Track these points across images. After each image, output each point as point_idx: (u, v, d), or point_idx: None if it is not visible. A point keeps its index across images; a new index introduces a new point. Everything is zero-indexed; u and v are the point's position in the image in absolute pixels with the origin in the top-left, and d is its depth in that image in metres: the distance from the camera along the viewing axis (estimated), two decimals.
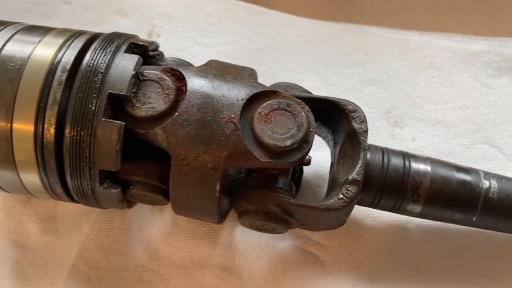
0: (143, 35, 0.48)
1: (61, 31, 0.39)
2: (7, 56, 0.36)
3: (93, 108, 0.35)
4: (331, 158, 0.42)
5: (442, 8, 0.60)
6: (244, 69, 0.40)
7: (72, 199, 0.39)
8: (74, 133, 0.35)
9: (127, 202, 0.40)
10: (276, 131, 0.36)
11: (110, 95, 0.35)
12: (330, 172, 0.41)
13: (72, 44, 0.37)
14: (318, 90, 0.50)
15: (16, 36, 0.38)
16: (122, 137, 0.35)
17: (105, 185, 0.37)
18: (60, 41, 0.38)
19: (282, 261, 0.43)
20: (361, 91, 0.52)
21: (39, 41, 0.37)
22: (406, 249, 0.44)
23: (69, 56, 0.36)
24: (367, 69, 0.54)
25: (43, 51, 0.37)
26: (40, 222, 0.45)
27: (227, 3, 0.56)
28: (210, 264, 0.43)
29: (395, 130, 0.50)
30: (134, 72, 0.36)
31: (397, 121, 0.51)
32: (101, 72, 0.36)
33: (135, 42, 0.39)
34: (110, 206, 0.40)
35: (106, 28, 0.43)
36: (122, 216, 0.45)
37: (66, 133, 0.35)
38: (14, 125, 0.35)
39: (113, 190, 0.37)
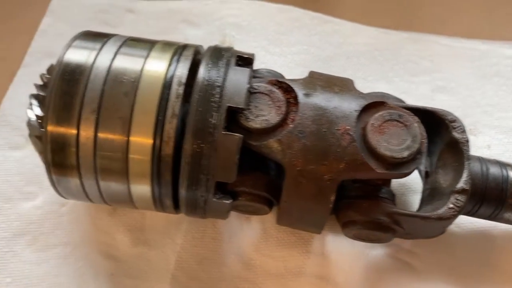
0: None
1: (165, 44, 0.39)
2: (120, 69, 0.36)
3: (214, 121, 0.35)
4: (426, 168, 0.43)
5: (499, 16, 0.61)
6: (346, 79, 0.40)
7: (175, 210, 0.39)
8: (195, 146, 0.35)
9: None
10: (391, 142, 0.36)
11: (229, 109, 0.35)
12: (426, 181, 0.42)
13: (182, 58, 0.38)
14: None
15: (122, 50, 0.38)
16: (240, 149, 0.35)
17: (217, 197, 0.37)
18: (168, 55, 0.38)
19: (376, 269, 0.43)
20: (432, 99, 0.53)
21: (148, 55, 0.37)
22: (493, 255, 0.45)
23: (182, 70, 0.37)
24: (435, 77, 0.55)
25: (155, 65, 0.37)
26: (129, 233, 0.45)
27: (295, 12, 0.57)
28: (305, 273, 0.43)
29: (470, 137, 0.51)
30: (248, 86, 0.37)
31: (471, 128, 0.51)
32: (218, 86, 0.36)
33: (240, 55, 0.39)
34: (214, 216, 0.40)
35: (176, 38, 0.43)
36: (213, 226, 0.45)
37: (186, 146, 0.35)
38: (132, 138, 0.35)
39: (225, 201, 0.37)
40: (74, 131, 0.36)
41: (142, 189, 0.37)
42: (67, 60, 0.37)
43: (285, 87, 0.38)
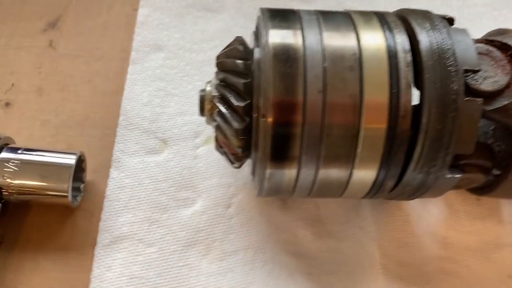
0: None
1: (360, 13, 0.35)
2: (335, 44, 0.32)
3: (455, 87, 0.32)
4: None
5: None
6: None
7: (389, 194, 0.36)
8: (435, 117, 0.32)
9: None
10: None
11: (466, 72, 0.32)
12: None
13: (391, 25, 0.34)
14: None
15: (323, 24, 0.34)
16: (481, 115, 0.32)
17: (450, 172, 0.34)
18: (374, 23, 0.34)
19: None
20: None
21: (355, 26, 0.34)
22: None
23: (400, 36, 0.33)
24: None
25: (369, 34, 0.33)
26: (309, 227, 0.41)
27: None
28: (505, 243, 0.41)
29: None
30: (475, 46, 0.34)
31: None
32: (449, 49, 0.32)
33: (443, 16, 0.36)
34: (430, 196, 0.37)
35: None
36: (399, 208, 0.42)
37: (424, 118, 0.32)
38: (364, 117, 0.32)
39: (456, 176, 0.34)
40: (299, 117, 0.31)
41: (366, 173, 0.34)
42: (274, 40, 0.32)
43: (498, 45, 0.36)
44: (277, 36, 0.33)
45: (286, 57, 0.32)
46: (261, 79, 0.32)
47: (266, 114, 0.31)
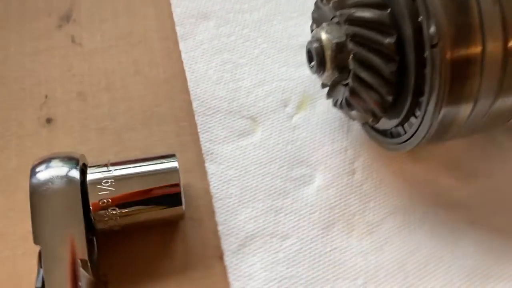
0: None
1: None
2: None
3: None
4: None
5: None
6: None
7: None
8: None
9: None
10: None
11: None
12: None
13: None
14: None
15: None
16: None
17: None
18: None
19: None
20: None
21: None
22: None
23: None
24: None
25: None
26: (449, 173, 0.36)
27: None
28: None
29: None
30: None
31: None
32: None
33: None
34: None
35: None
36: None
37: None
38: None
39: None
40: (478, 39, 0.26)
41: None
42: None
43: None
44: None
45: None
46: (425, 2, 0.26)
47: (441, 42, 0.26)
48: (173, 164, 0.32)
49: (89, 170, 0.31)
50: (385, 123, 0.33)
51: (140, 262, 0.34)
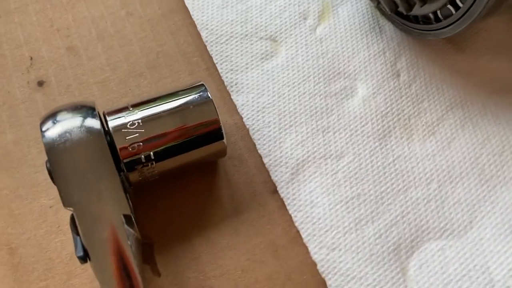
0: None
1: None
2: None
3: None
4: None
5: None
6: None
7: None
8: None
9: None
10: None
11: None
12: None
13: None
14: None
15: None
16: None
17: None
18: None
19: None
20: None
21: None
22: None
23: None
24: None
25: None
26: (498, 57, 0.33)
27: None
28: None
29: None
30: None
31: None
32: None
33: None
34: None
35: None
36: None
37: None
38: None
39: None
40: None
41: None
42: None
43: None
44: None
45: None
46: None
47: None
48: (204, 93, 0.27)
49: (108, 117, 0.27)
50: (428, 7, 0.29)
51: (185, 214, 0.29)
